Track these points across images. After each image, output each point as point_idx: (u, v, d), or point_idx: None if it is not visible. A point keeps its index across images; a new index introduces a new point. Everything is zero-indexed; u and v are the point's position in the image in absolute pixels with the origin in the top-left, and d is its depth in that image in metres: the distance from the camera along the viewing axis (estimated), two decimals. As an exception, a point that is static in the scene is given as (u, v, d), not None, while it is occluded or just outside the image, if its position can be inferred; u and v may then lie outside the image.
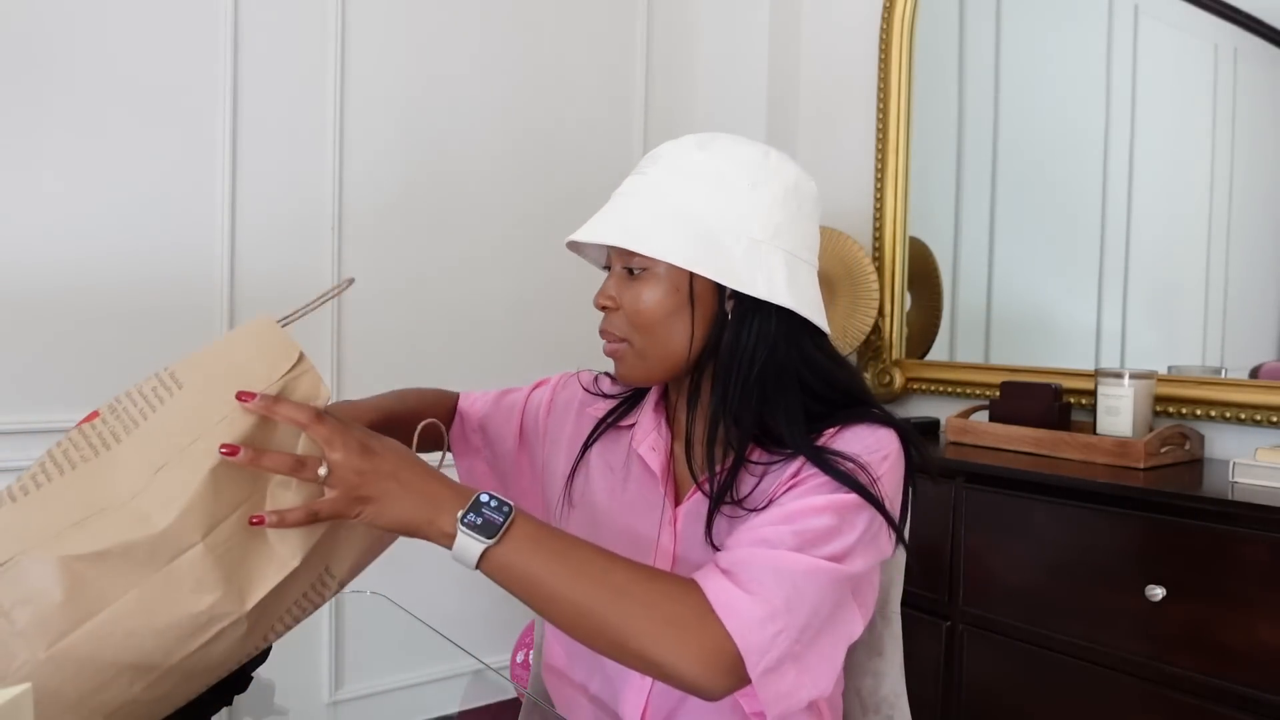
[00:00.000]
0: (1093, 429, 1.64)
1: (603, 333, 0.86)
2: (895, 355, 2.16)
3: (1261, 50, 1.69)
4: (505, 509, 0.70)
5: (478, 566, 0.70)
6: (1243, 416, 1.57)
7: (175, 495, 0.66)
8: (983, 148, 2.11)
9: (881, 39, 2.19)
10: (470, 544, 0.69)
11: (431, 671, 1.97)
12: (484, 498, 0.70)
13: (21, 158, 1.67)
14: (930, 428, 1.95)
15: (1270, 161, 1.67)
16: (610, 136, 2.37)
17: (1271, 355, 1.65)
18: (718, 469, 0.83)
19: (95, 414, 0.73)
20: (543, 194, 2.25)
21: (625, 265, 0.84)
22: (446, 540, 0.69)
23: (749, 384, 0.82)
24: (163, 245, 1.80)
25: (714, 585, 0.70)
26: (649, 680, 0.84)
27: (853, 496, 0.75)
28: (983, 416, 1.82)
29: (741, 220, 0.81)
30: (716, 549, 0.78)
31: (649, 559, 0.86)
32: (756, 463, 0.82)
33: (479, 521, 0.69)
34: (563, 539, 0.72)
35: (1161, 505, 1.35)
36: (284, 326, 0.75)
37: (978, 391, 1.98)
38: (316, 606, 0.76)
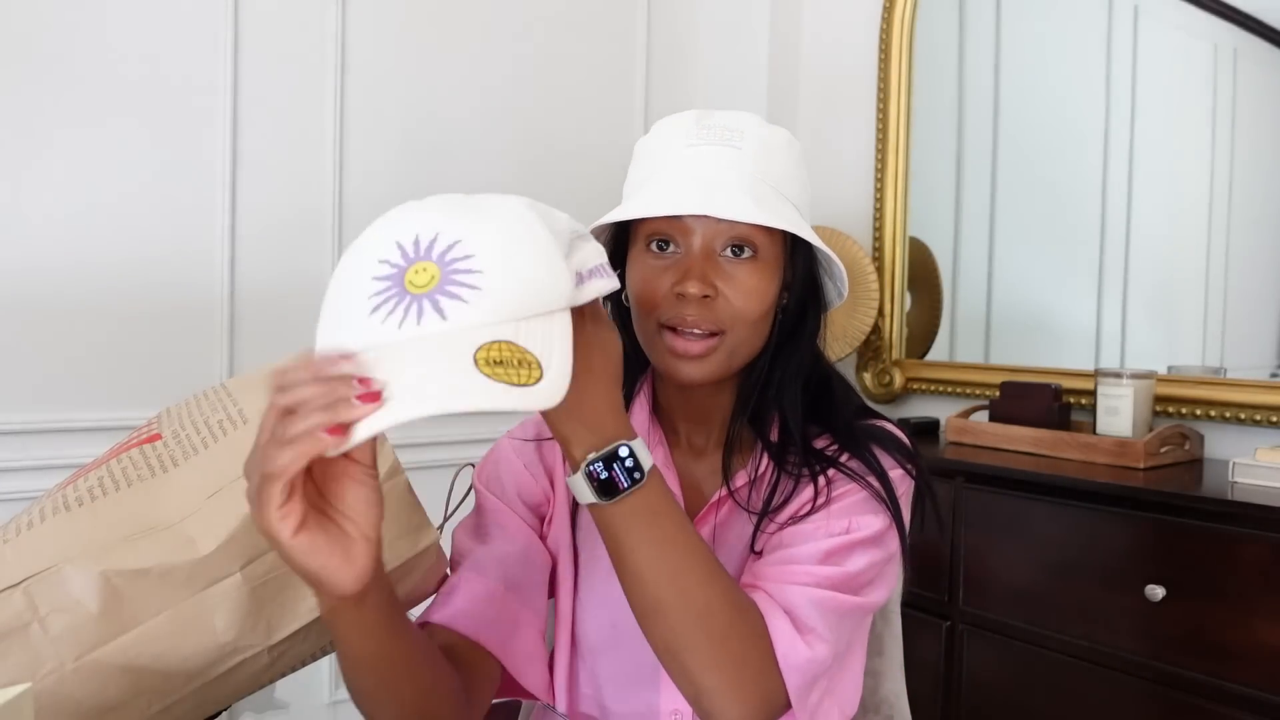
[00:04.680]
0: (1093, 429, 1.64)
1: (689, 324, 0.76)
2: (895, 355, 2.16)
3: (1261, 50, 1.69)
4: (638, 475, 0.63)
5: (596, 505, 0.64)
6: (1243, 416, 1.57)
7: (221, 523, 0.66)
8: (983, 148, 2.11)
9: (881, 38, 2.19)
10: (581, 489, 0.63)
11: (431, 671, 1.97)
12: (624, 451, 0.63)
13: (20, 157, 1.67)
14: (930, 428, 1.95)
15: (1270, 161, 1.67)
16: (610, 137, 2.37)
17: (1271, 355, 1.65)
18: (744, 475, 0.81)
19: (157, 436, 0.74)
20: (543, 196, 2.24)
21: (734, 245, 0.76)
22: (569, 464, 0.65)
23: (805, 384, 0.81)
24: (163, 245, 1.79)
25: (779, 630, 0.69)
26: None
27: (884, 521, 0.76)
28: (983, 416, 1.82)
29: (808, 206, 0.82)
30: (756, 554, 0.78)
31: None
32: (790, 472, 0.80)
33: (603, 475, 0.63)
34: (676, 524, 0.66)
35: (1161, 505, 1.35)
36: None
37: (978, 391, 1.98)
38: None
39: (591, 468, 0.63)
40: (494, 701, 0.79)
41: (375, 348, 0.52)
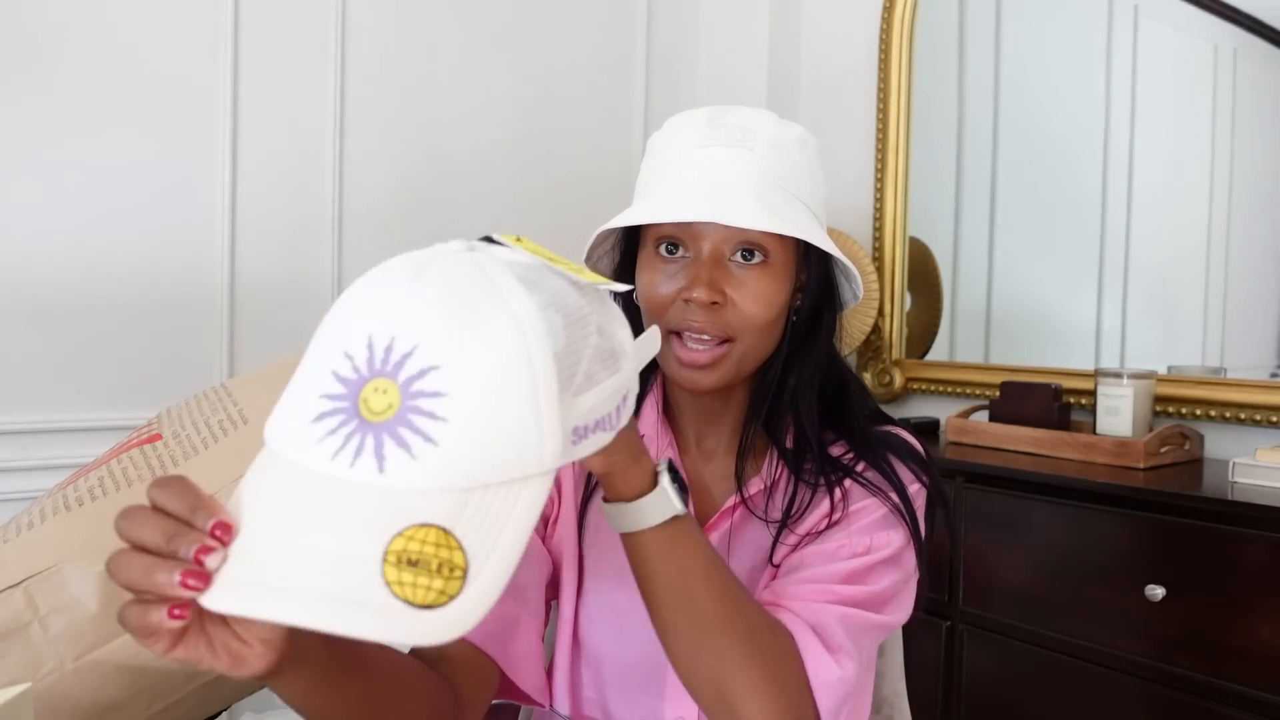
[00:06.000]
0: (1093, 429, 1.64)
1: (697, 330, 0.75)
2: (895, 355, 2.16)
3: (1261, 50, 1.69)
4: (684, 493, 0.62)
5: (650, 528, 0.61)
6: (1243, 416, 1.57)
7: None
8: (983, 148, 2.11)
9: (881, 39, 2.19)
10: (663, 501, 0.61)
11: (431, 671, 1.97)
12: (672, 466, 0.62)
13: (21, 156, 1.67)
14: (930, 428, 1.95)
15: (1270, 161, 1.67)
16: (610, 137, 2.37)
17: (1272, 355, 1.65)
18: (758, 482, 0.79)
19: (158, 436, 0.74)
20: (543, 195, 2.25)
21: (743, 250, 0.74)
22: (645, 483, 0.61)
23: (819, 389, 0.80)
24: (163, 245, 1.80)
25: (810, 649, 0.68)
26: None
27: (903, 537, 0.76)
28: (983, 416, 1.82)
29: (823, 206, 0.81)
30: (774, 566, 0.77)
31: None
32: (806, 482, 0.79)
33: (676, 485, 0.61)
34: (712, 547, 0.66)
35: (1161, 505, 1.35)
36: None
37: (978, 391, 1.98)
38: None
39: (666, 478, 0.61)
40: (495, 702, 0.78)
41: (298, 471, 0.46)
